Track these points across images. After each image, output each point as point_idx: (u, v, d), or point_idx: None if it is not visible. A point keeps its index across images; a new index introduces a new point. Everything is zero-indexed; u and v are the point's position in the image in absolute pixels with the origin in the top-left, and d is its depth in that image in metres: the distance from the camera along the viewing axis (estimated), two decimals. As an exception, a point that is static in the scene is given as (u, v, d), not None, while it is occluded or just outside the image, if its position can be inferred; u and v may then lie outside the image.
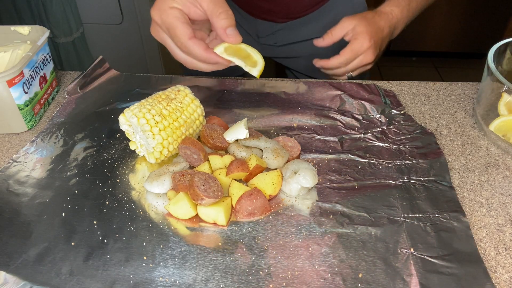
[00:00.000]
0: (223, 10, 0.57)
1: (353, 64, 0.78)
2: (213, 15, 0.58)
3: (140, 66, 2.32)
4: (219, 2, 0.58)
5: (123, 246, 0.51)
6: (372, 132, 0.68)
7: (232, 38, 0.58)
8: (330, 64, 0.78)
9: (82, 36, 2.10)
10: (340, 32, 0.78)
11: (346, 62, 0.77)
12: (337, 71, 0.80)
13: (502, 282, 0.47)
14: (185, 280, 0.47)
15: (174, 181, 0.56)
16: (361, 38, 0.76)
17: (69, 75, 0.87)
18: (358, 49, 0.76)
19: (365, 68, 0.81)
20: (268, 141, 0.62)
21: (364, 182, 0.59)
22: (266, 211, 0.55)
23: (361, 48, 0.76)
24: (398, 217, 0.54)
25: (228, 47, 0.60)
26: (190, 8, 0.58)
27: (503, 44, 0.69)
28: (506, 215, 0.55)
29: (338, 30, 0.78)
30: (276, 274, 0.48)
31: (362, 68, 0.80)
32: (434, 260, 0.48)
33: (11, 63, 0.73)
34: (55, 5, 1.91)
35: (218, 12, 0.57)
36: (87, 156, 0.65)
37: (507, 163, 0.63)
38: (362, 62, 0.78)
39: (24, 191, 0.59)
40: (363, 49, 0.76)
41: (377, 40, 0.78)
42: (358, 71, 0.81)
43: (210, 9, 0.58)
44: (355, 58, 0.77)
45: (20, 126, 0.71)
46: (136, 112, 0.59)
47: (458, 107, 0.75)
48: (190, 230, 0.53)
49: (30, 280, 0.47)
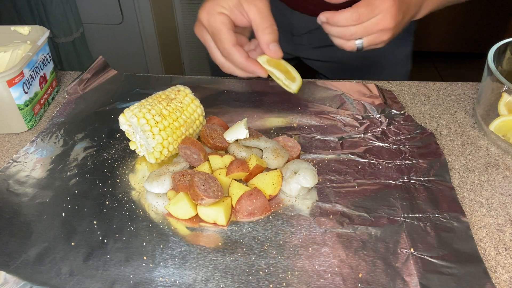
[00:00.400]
0: (268, 25, 0.59)
1: (366, 25, 0.61)
2: (258, 29, 0.59)
3: (140, 66, 2.32)
4: (265, 15, 0.58)
5: (123, 246, 0.51)
6: (372, 132, 0.68)
7: (273, 53, 0.60)
8: (337, 18, 0.61)
9: (82, 36, 2.10)
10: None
11: (358, 19, 0.61)
12: (344, 32, 0.63)
13: (502, 282, 0.47)
14: (185, 280, 0.47)
15: (174, 181, 0.56)
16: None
17: (69, 75, 0.87)
18: (375, 4, 0.60)
19: (381, 38, 0.63)
20: (268, 141, 0.62)
21: (364, 182, 0.59)
22: (266, 211, 0.55)
23: (380, 4, 0.60)
24: (398, 217, 0.54)
25: (270, 59, 0.63)
26: (237, 16, 0.60)
27: (503, 44, 0.69)
28: (506, 215, 0.55)
29: None
30: (276, 274, 0.48)
31: (376, 36, 0.63)
32: (434, 260, 0.48)
33: (11, 63, 0.73)
34: (55, 5, 1.91)
35: (263, 27, 0.59)
36: (87, 156, 0.65)
37: (507, 163, 0.63)
38: (379, 25, 0.61)
39: (24, 191, 0.59)
40: (383, 6, 0.60)
41: (401, 1, 0.62)
42: (370, 39, 0.63)
43: (256, 22, 0.59)
44: (370, 15, 0.61)
45: (20, 126, 0.71)
46: (136, 112, 0.59)
47: (458, 107, 0.75)
48: (190, 230, 0.53)
49: (30, 280, 0.47)
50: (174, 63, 2.34)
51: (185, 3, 2.12)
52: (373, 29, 0.61)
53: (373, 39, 0.63)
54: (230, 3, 0.59)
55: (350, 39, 0.63)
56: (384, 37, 0.63)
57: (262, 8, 0.59)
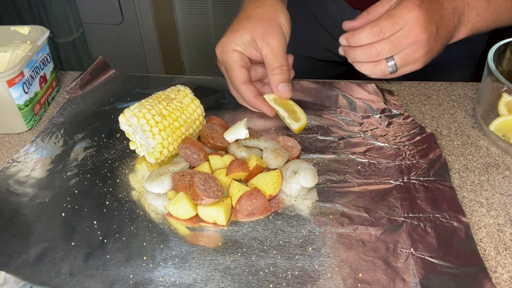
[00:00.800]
0: (279, 65, 0.58)
1: (393, 39, 0.54)
2: (269, 68, 0.59)
3: (140, 66, 2.32)
4: (277, 53, 0.58)
5: (123, 246, 0.51)
6: (372, 132, 0.68)
7: (282, 94, 0.61)
8: (357, 36, 0.54)
9: (82, 36, 2.10)
10: (379, 7, 0.57)
11: (380, 32, 0.54)
12: (370, 51, 0.55)
13: (502, 282, 0.47)
14: (185, 280, 0.47)
15: (174, 181, 0.56)
16: (406, 1, 0.53)
17: (69, 75, 0.87)
18: (399, 15, 0.53)
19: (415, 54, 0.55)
20: (268, 141, 0.62)
21: (364, 182, 0.59)
22: (266, 211, 0.55)
23: (405, 14, 0.52)
24: (398, 217, 0.54)
25: (278, 98, 0.65)
26: (252, 52, 0.60)
27: (503, 44, 0.69)
28: (506, 215, 0.55)
29: (377, 5, 0.57)
30: (276, 274, 0.48)
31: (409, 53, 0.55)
32: (434, 260, 0.48)
33: (11, 63, 0.73)
34: (55, 5, 1.91)
35: (273, 67, 0.59)
36: (87, 156, 0.65)
37: (507, 163, 0.63)
38: (408, 38, 0.53)
39: (24, 191, 0.59)
40: (408, 16, 0.52)
41: (430, 9, 0.54)
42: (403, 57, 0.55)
43: (268, 61, 0.59)
44: (395, 28, 0.54)
45: (20, 126, 0.71)
46: (136, 112, 0.59)
47: (458, 107, 0.75)
48: (190, 230, 0.53)
49: (30, 280, 0.47)
50: (174, 63, 2.34)
51: (185, 3, 2.12)
52: (402, 43, 0.54)
53: (406, 57, 0.56)
54: (244, 40, 0.59)
55: (378, 59, 0.56)
56: (419, 52, 0.56)
57: (275, 46, 0.58)
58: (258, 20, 0.60)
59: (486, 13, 0.61)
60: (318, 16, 0.90)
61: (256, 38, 0.59)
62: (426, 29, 0.54)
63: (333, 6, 0.86)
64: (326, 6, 0.88)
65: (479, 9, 0.60)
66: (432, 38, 0.56)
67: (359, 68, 0.61)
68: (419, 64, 0.58)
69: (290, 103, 0.66)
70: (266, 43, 0.58)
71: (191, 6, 2.13)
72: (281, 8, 0.63)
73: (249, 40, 0.59)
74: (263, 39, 0.58)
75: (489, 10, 0.61)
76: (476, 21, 0.61)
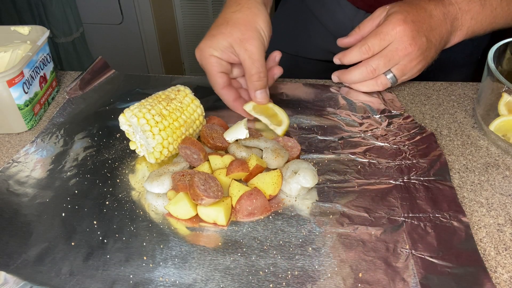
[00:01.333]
0: (256, 72, 0.58)
1: (386, 54, 0.57)
2: (247, 75, 0.59)
3: (140, 66, 2.32)
4: (255, 60, 0.58)
5: (123, 246, 0.51)
6: (372, 132, 0.68)
7: (259, 100, 0.61)
8: (349, 55, 0.58)
9: (82, 36, 2.10)
10: (370, 22, 0.60)
11: (369, 50, 0.57)
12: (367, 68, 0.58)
13: (502, 282, 0.47)
14: (185, 280, 0.47)
15: (174, 181, 0.56)
16: (392, 17, 0.56)
17: (69, 75, 0.87)
18: (385, 31, 0.56)
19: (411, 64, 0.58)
20: (268, 141, 0.62)
21: (364, 182, 0.59)
22: (266, 211, 0.55)
23: (391, 30, 0.55)
24: (398, 217, 0.54)
25: (257, 105, 0.66)
26: (230, 56, 0.60)
27: (503, 44, 0.69)
28: (506, 215, 0.55)
29: (368, 20, 0.59)
30: (276, 274, 0.48)
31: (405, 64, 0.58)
32: (434, 260, 0.48)
33: (11, 63, 0.73)
34: (55, 5, 1.91)
35: (251, 74, 0.59)
36: (87, 156, 0.65)
37: (507, 163, 0.63)
38: (399, 51, 0.57)
39: (24, 191, 0.59)
40: (394, 31, 0.55)
41: (417, 21, 0.56)
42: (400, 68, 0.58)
43: (245, 67, 0.59)
44: (383, 44, 0.57)
45: (20, 126, 0.71)
46: (136, 112, 0.59)
47: (458, 107, 0.75)
48: (190, 230, 0.53)
49: (30, 280, 0.47)
50: (174, 63, 2.34)
51: (185, 3, 2.12)
52: (395, 56, 0.57)
53: (403, 68, 0.59)
54: (221, 46, 0.59)
55: (377, 75, 0.58)
56: (413, 62, 0.58)
57: (253, 52, 0.58)
58: (235, 25, 0.60)
59: (481, 16, 0.62)
60: (320, 16, 0.90)
61: (233, 44, 0.58)
62: (415, 41, 0.56)
63: (336, 6, 0.86)
64: (328, 6, 0.88)
65: (473, 13, 0.61)
66: (424, 48, 0.58)
67: (359, 88, 0.63)
68: (417, 72, 0.60)
69: (270, 106, 0.66)
70: (243, 48, 0.58)
71: (191, 6, 2.13)
72: (260, 12, 0.62)
73: (226, 46, 0.59)
74: (240, 44, 0.58)
75: (484, 13, 0.62)
76: (471, 25, 0.62)
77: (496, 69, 0.63)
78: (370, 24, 0.60)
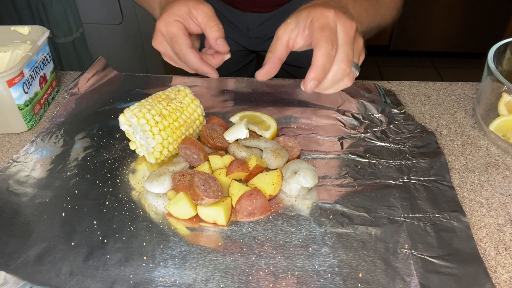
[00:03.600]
0: (215, 23, 0.66)
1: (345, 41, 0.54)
2: (207, 27, 0.66)
3: (140, 66, 2.32)
4: (211, 17, 0.66)
5: (123, 246, 0.51)
6: (372, 131, 0.68)
7: (221, 48, 0.66)
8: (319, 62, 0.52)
9: (82, 36, 2.10)
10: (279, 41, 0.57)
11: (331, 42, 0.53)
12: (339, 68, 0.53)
13: (502, 282, 0.47)
14: (185, 280, 0.47)
15: (174, 181, 0.56)
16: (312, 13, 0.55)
17: (69, 75, 0.87)
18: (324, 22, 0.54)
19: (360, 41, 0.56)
20: (268, 141, 0.62)
21: (364, 182, 0.59)
22: (266, 211, 0.55)
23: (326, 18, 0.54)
24: (398, 217, 0.54)
25: (243, 115, 0.70)
26: (190, 22, 0.66)
27: (503, 44, 0.69)
28: (506, 215, 0.55)
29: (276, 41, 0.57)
30: (276, 274, 0.48)
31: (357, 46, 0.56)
32: (434, 260, 0.48)
33: (11, 63, 0.73)
34: (55, 5, 1.91)
35: (210, 25, 0.66)
36: (87, 156, 0.65)
37: (507, 163, 0.63)
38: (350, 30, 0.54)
39: (24, 191, 0.59)
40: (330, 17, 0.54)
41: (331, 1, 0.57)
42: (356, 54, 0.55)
43: (204, 22, 0.66)
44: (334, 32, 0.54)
45: (20, 126, 0.71)
46: (136, 112, 0.59)
47: (458, 107, 0.75)
48: (190, 230, 0.53)
49: (30, 280, 0.47)
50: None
51: (185, 3, 2.12)
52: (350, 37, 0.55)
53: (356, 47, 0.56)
54: (182, 12, 0.66)
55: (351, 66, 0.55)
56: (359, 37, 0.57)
57: (208, 11, 0.66)
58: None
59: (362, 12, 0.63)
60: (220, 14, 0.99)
61: (191, 8, 0.66)
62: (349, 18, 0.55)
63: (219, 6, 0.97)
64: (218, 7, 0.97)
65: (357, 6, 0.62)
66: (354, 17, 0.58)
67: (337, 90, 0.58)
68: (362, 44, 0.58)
69: (256, 114, 0.70)
70: (200, 10, 0.66)
71: (191, 6, 2.13)
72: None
73: (186, 11, 0.66)
74: (197, 8, 0.66)
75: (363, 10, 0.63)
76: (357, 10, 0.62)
77: (496, 69, 0.63)
78: (280, 43, 0.57)
